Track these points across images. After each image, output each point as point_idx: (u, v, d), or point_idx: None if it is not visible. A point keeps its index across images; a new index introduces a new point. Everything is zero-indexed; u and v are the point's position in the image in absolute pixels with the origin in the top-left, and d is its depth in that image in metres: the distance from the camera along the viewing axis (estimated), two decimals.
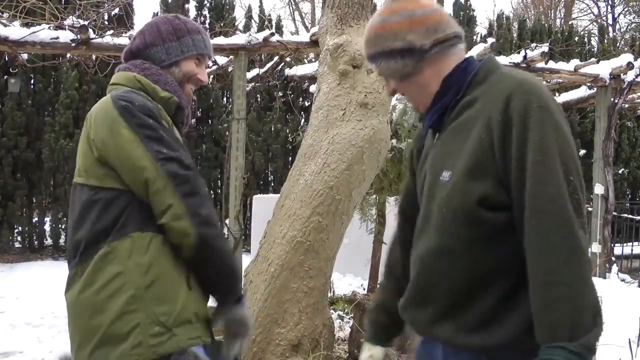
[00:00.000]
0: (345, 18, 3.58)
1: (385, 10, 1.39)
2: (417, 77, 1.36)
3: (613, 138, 7.41)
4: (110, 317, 1.39)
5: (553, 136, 1.17)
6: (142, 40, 1.64)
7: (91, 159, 1.49)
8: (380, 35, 1.36)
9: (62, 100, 8.14)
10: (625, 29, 20.14)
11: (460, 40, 1.38)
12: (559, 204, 1.15)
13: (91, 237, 1.44)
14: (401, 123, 4.26)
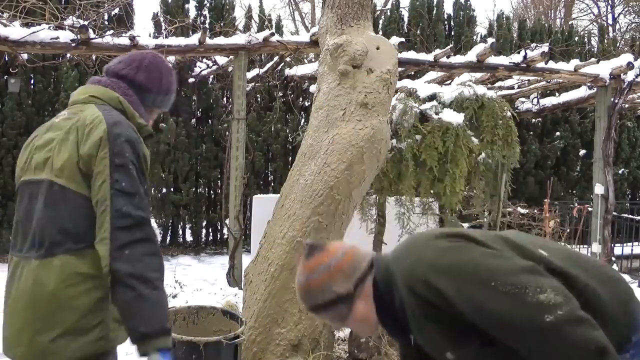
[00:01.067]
0: (345, 18, 3.58)
1: (304, 269, 1.57)
2: (354, 316, 1.53)
3: (613, 138, 7.40)
4: (80, 312, 1.59)
5: None
6: (142, 77, 1.84)
7: (73, 164, 1.64)
8: (310, 292, 1.55)
9: (62, 100, 8.13)
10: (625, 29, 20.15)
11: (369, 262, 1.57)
12: None
13: (64, 236, 1.61)
14: (401, 123, 4.26)
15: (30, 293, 1.60)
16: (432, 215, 5.11)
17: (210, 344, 2.84)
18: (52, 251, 1.61)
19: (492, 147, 4.50)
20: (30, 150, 1.79)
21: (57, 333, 1.59)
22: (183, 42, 6.42)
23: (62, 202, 1.63)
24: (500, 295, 1.29)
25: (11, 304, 1.67)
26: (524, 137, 9.38)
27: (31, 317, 1.60)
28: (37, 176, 1.71)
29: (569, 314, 1.25)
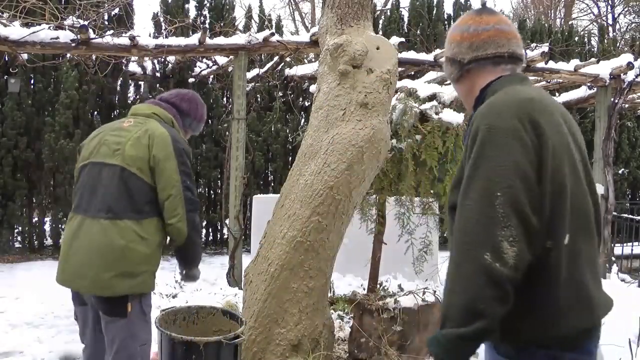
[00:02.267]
0: (345, 18, 3.57)
1: (459, 19, 1.68)
2: (461, 83, 1.65)
3: (613, 138, 7.40)
4: (133, 262, 2.34)
5: (487, 154, 1.33)
6: (186, 107, 2.72)
7: (144, 160, 2.40)
8: (446, 42, 1.68)
9: (62, 100, 8.13)
10: (625, 29, 20.15)
11: (505, 60, 1.57)
12: (465, 216, 1.32)
13: (129, 206, 2.36)
14: (401, 123, 4.26)
15: (101, 242, 2.31)
16: (432, 215, 5.11)
17: (210, 344, 2.84)
18: (119, 215, 2.33)
19: None
20: (99, 142, 2.49)
21: (114, 273, 2.30)
22: (183, 42, 6.42)
23: (129, 183, 2.37)
24: (478, 197, 1.31)
25: (77, 248, 2.36)
26: None
27: (98, 259, 2.30)
28: (107, 160, 2.41)
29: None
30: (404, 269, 5.33)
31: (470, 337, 1.26)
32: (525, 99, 1.39)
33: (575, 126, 1.52)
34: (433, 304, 3.82)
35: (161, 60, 8.83)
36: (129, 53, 6.43)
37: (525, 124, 1.33)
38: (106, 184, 2.39)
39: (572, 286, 1.35)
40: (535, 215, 1.29)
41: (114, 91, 8.80)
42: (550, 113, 1.42)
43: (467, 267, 1.28)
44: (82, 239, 2.37)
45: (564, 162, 1.36)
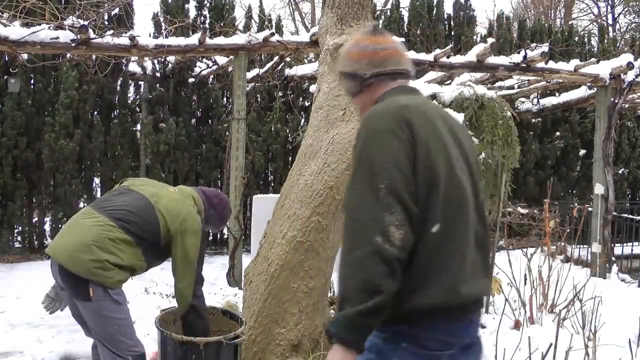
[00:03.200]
0: (345, 18, 3.57)
1: (356, 39, 1.86)
2: (360, 96, 1.82)
3: (613, 138, 7.40)
4: (111, 259, 2.69)
5: (369, 151, 1.51)
6: (216, 202, 3.05)
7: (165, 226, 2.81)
8: (343, 58, 1.85)
9: (62, 100, 8.13)
10: (625, 29, 20.15)
11: (402, 76, 1.78)
12: (355, 207, 1.47)
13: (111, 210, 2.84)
14: None
15: (88, 231, 2.69)
16: None
17: (210, 344, 2.84)
18: (120, 225, 2.70)
19: (492, 147, 4.50)
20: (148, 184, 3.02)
21: (91, 258, 2.63)
22: (183, 42, 6.42)
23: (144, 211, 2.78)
24: (360, 189, 1.49)
25: (77, 227, 2.78)
26: (524, 137, 9.38)
27: (86, 241, 2.66)
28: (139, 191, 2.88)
29: None
30: None
31: (370, 312, 1.39)
32: (401, 106, 1.60)
33: (459, 128, 1.73)
34: None
35: (161, 60, 8.83)
36: (129, 53, 6.43)
37: (402, 125, 1.53)
38: (127, 201, 2.82)
39: (433, 268, 1.50)
40: (413, 203, 1.47)
41: (114, 91, 8.79)
42: (425, 117, 1.60)
43: (361, 251, 1.41)
44: (83, 223, 2.84)
45: (438, 159, 1.54)
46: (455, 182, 1.56)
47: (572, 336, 2.86)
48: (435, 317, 1.50)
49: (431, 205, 1.50)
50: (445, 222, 1.51)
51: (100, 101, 8.64)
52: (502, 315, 3.63)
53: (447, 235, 1.51)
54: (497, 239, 5.05)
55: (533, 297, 4.52)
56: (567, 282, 4.55)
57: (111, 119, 8.76)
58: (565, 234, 5.55)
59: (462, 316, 1.55)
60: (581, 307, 3.92)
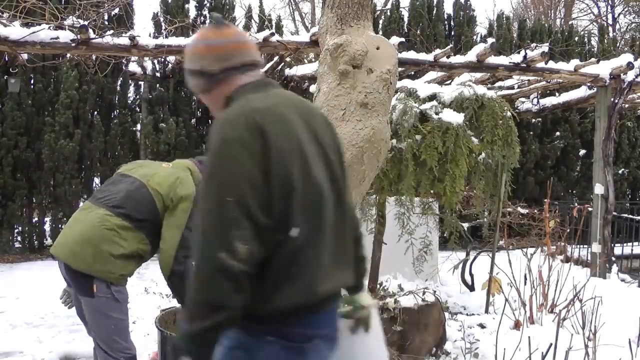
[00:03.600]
0: (345, 18, 3.57)
1: (198, 34, 1.75)
2: (209, 94, 1.72)
3: (613, 138, 7.40)
4: (111, 251, 2.68)
5: (219, 163, 1.47)
6: None
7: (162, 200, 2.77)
8: (188, 56, 1.72)
9: (62, 100, 8.13)
10: (625, 29, 20.14)
11: (249, 67, 1.69)
12: (203, 222, 1.46)
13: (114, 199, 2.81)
14: (401, 123, 4.26)
15: (94, 226, 2.65)
16: (432, 215, 5.11)
17: None
18: (117, 212, 2.69)
19: (492, 147, 4.50)
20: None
21: (91, 252, 2.60)
22: (183, 42, 6.41)
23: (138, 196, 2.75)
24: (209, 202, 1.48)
25: (76, 224, 2.74)
26: (524, 137, 9.38)
27: (85, 236, 2.63)
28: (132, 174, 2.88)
29: None
30: (404, 269, 5.33)
31: (215, 327, 1.43)
32: (254, 109, 1.53)
33: (319, 122, 1.70)
34: (433, 304, 3.82)
35: (161, 60, 8.83)
36: (129, 53, 6.43)
37: (254, 133, 1.48)
38: (121, 188, 2.82)
39: (291, 271, 1.52)
40: (264, 215, 1.46)
41: (114, 91, 8.79)
42: (280, 119, 1.55)
43: (206, 266, 1.42)
44: (83, 220, 2.81)
45: (293, 166, 1.51)
46: (312, 185, 1.56)
47: (572, 336, 2.86)
48: (295, 315, 1.54)
49: (289, 211, 1.49)
50: (304, 225, 1.52)
51: (100, 101, 8.64)
52: (502, 315, 3.63)
53: (306, 237, 1.53)
54: (497, 239, 5.05)
55: (533, 297, 4.52)
56: (567, 282, 4.55)
57: (111, 119, 8.76)
58: (565, 234, 5.55)
59: (320, 310, 1.60)
60: (581, 307, 3.92)
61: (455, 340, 4.01)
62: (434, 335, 3.82)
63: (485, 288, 5.01)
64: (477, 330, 4.31)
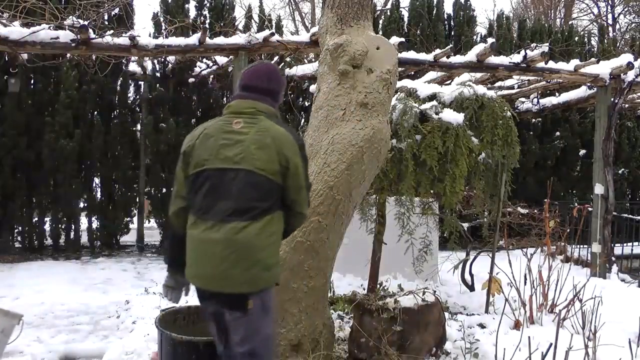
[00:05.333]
0: (345, 18, 3.57)
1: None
2: None
3: (613, 138, 7.40)
4: (267, 253, 2.38)
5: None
6: (274, 86, 2.65)
7: (273, 163, 2.42)
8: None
9: (62, 100, 8.13)
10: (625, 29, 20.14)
11: None
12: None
13: (262, 206, 2.39)
14: (401, 123, 4.26)
15: (247, 244, 2.33)
16: (432, 215, 5.11)
17: (210, 344, 2.84)
18: (255, 217, 2.36)
19: (492, 147, 4.50)
20: (213, 147, 2.45)
21: (259, 268, 2.35)
22: (183, 42, 6.42)
23: (262, 186, 2.40)
24: None
25: (212, 251, 2.34)
26: (524, 137, 9.38)
27: (229, 256, 2.32)
28: (230, 166, 2.40)
29: None
30: (404, 269, 5.33)
31: None
32: None
33: None
34: (433, 304, 3.82)
35: (161, 60, 8.83)
36: (129, 53, 6.43)
37: None
38: (235, 187, 2.38)
39: None
40: None
41: (114, 91, 8.80)
42: None
43: None
44: (217, 242, 2.35)
45: None
46: None
47: (572, 336, 2.85)
48: None
49: None
50: None
51: (100, 101, 8.64)
52: (502, 315, 3.63)
53: None
54: (497, 239, 5.05)
55: (533, 297, 4.52)
56: (567, 282, 4.55)
57: (111, 119, 8.76)
58: (565, 234, 5.55)
59: None
60: (581, 307, 3.92)
61: (455, 340, 4.01)
62: (434, 335, 3.82)
63: (485, 288, 5.01)
64: (477, 330, 4.31)
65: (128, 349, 3.86)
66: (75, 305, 5.56)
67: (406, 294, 3.87)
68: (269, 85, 2.62)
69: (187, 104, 9.10)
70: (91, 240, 8.75)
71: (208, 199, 2.41)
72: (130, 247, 9.11)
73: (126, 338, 4.12)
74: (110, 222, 8.78)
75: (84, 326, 4.93)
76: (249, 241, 2.34)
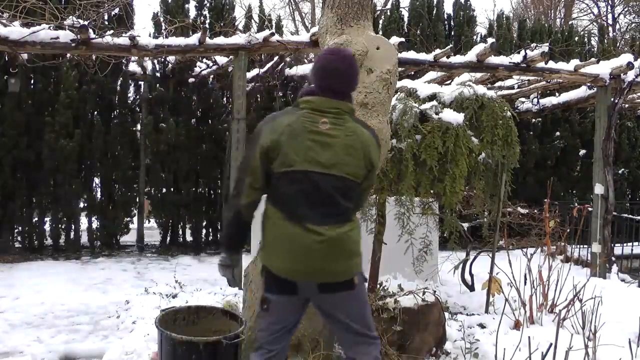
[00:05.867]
0: (345, 18, 3.57)
1: None
2: None
3: (613, 138, 7.39)
4: (359, 246, 2.56)
5: None
6: (356, 81, 2.65)
7: (361, 168, 2.52)
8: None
9: (62, 100, 8.13)
10: (625, 29, 20.15)
11: None
12: None
13: (350, 206, 2.53)
14: (401, 123, 4.26)
15: (345, 240, 2.48)
16: (432, 215, 5.11)
17: (210, 344, 2.84)
18: (350, 218, 2.52)
19: (492, 147, 4.49)
20: (301, 147, 2.43)
21: (355, 259, 2.53)
22: (183, 42, 6.42)
23: (351, 190, 2.50)
24: None
25: (317, 249, 2.43)
26: (524, 137, 9.38)
27: (346, 252, 2.49)
28: (320, 170, 2.43)
29: None
30: (404, 269, 5.32)
31: None
32: None
33: None
34: (433, 304, 3.82)
35: (161, 60, 8.83)
36: (129, 53, 6.43)
37: None
38: (327, 192, 2.44)
39: None
40: None
41: (114, 91, 8.80)
42: None
43: None
44: (322, 241, 2.43)
45: None
46: None
47: (572, 336, 2.86)
48: None
49: None
50: None
51: (100, 101, 8.64)
52: (502, 315, 3.63)
53: None
54: (497, 239, 5.05)
55: (533, 297, 4.52)
56: (567, 282, 4.55)
57: (111, 119, 8.76)
58: (565, 234, 5.55)
59: None
60: (581, 307, 3.92)
61: (455, 340, 4.01)
62: (434, 335, 3.82)
63: (485, 288, 5.01)
64: (477, 330, 4.31)
65: (128, 349, 3.85)
66: (75, 305, 5.56)
67: (406, 294, 3.87)
68: (351, 84, 2.60)
69: (187, 104, 9.10)
70: (91, 240, 8.75)
71: (299, 200, 2.44)
72: (130, 247, 9.12)
73: (126, 338, 4.12)
74: (110, 222, 8.78)
75: (84, 326, 4.93)
76: (349, 238, 2.50)
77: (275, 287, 2.55)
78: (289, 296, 2.55)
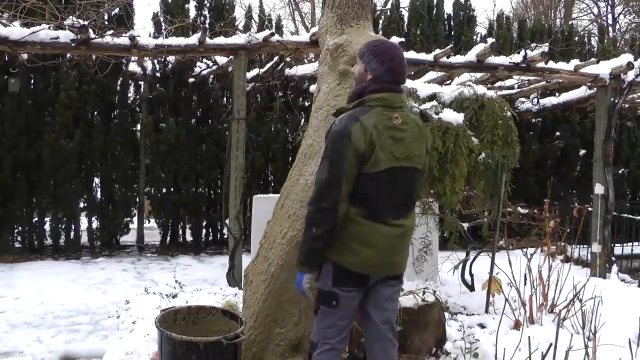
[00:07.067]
0: (345, 18, 3.58)
1: None
2: None
3: (613, 138, 7.39)
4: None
5: None
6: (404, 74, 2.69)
7: (424, 156, 2.64)
8: None
9: (62, 100, 8.13)
10: (625, 29, 20.16)
11: None
12: None
13: (416, 197, 2.75)
14: None
15: (410, 230, 2.65)
16: (432, 215, 5.11)
17: (210, 344, 2.85)
18: (414, 207, 2.72)
19: (492, 147, 4.50)
20: (385, 144, 2.48)
21: (407, 252, 2.68)
22: (183, 42, 6.42)
23: (419, 179, 2.67)
24: None
25: (397, 242, 2.56)
26: (524, 137, 9.37)
27: (408, 243, 2.65)
28: (398, 164, 2.51)
29: None
30: None
31: None
32: None
33: None
34: (433, 304, 3.82)
35: (161, 60, 8.83)
36: (129, 53, 6.43)
37: None
38: (406, 185, 2.58)
39: None
40: None
41: (114, 91, 8.80)
42: None
43: None
44: (397, 236, 2.56)
45: None
46: None
47: (572, 336, 2.86)
48: None
49: None
50: None
51: (100, 101, 8.64)
52: (502, 315, 3.63)
53: None
54: (497, 239, 5.05)
55: (533, 297, 4.52)
56: (567, 282, 4.55)
57: (111, 119, 8.76)
58: (565, 234, 5.55)
59: None
60: (581, 307, 3.92)
61: (455, 340, 4.01)
62: (434, 335, 3.82)
63: (485, 288, 5.01)
64: (477, 330, 4.31)
65: (128, 349, 3.86)
66: (75, 305, 5.56)
67: (406, 294, 3.87)
68: (399, 78, 2.63)
69: (187, 104, 9.10)
70: (91, 240, 8.75)
71: (381, 198, 2.51)
72: (130, 247, 9.12)
73: (126, 338, 4.13)
74: (110, 222, 8.78)
75: (84, 326, 4.93)
76: (412, 229, 2.67)
77: (349, 281, 2.53)
78: (357, 291, 2.56)
